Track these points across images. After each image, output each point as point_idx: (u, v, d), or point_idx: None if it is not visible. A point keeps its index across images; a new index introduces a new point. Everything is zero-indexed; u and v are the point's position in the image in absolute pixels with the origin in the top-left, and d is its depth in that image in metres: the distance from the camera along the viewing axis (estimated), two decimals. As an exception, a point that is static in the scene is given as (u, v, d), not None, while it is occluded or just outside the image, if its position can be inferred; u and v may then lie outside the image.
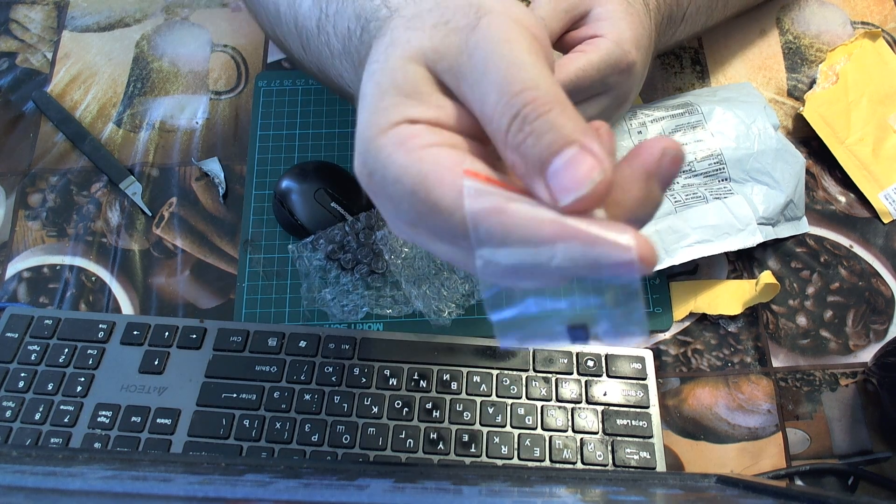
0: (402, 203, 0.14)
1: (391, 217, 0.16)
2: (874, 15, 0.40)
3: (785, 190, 0.32)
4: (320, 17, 0.22)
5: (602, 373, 0.31)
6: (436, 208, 0.13)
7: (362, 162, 0.15)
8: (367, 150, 0.15)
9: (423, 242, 0.15)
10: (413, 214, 0.14)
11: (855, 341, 0.33)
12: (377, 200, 0.15)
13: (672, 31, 0.30)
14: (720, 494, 0.23)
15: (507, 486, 0.23)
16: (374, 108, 0.15)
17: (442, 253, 0.15)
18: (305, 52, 0.25)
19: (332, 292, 0.33)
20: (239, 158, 0.38)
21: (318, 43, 0.23)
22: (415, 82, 0.15)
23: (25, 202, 0.38)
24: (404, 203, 0.14)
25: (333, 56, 0.22)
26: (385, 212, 0.16)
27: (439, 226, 0.14)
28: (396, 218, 0.15)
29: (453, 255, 0.15)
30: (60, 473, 0.21)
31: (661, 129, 0.33)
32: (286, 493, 0.20)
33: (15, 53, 0.42)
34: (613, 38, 0.23)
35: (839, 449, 0.30)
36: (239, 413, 0.30)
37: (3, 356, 0.32)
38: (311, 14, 0.23)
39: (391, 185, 0.14)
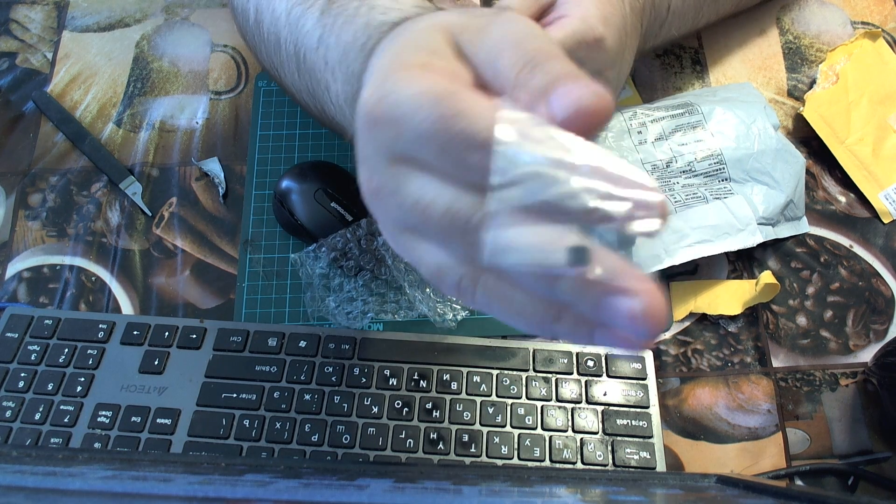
0: (413, 122, 0.13)
1: (377, 156, 0.15)
2: (874, 15, 0.40)
3: (785, 190, 0.32)
4: (323, 32, 0.22)
5: (602, 373, 0.31)
6: (458, 122, 0.13)
7: (376, 86, 0.14)
8: (386, 77, 0.14)
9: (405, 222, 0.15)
10: (422, 135, 0.13)
11: (855, 341, 0.33)
12: (371, 133, 0.15)
13: (659, 22, 0.30)
14: (720, 494, 0.23)
15: (507, 486, 0.23)
16: (396, 56, 0.15)
17: (422, 255, 0.15)
18: (299, 73, 0.25)
19: (336, 300, 0.33)
20: (239, 158, 0.38)
21: (315, 56, 0.23)
22: (438, 44, 0.15)
23: (25, 202, 0.38)
24: (418, 120, 0.13)
25: (327, 67, 0.22)
26: (372, 148, 0.15)
27: (452, 145, 0.13)
28: (386, 152, 0.14)
29: (436, 257, 0.15)
30: (60, 473, 0.21)
31: (660, 129, 0.33)
32: (286, 493, 0.20)
33: (15, 53, 0.42)
34: (578, 15, 0.24)
35: (839, 449, 0.30)
36: (239, 413, 0.30)
37: (3, 356, 0.32)
38: (313, 31, 0.23)
39: (406, 103, 0.14)
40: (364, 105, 0.15)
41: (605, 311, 0.13)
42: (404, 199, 0.14)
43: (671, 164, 0.33)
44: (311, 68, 0.24)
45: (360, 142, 0.15)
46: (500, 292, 0.14)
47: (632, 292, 0.12)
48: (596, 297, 0.13)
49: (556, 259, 0.12)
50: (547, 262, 0.12)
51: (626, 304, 0.12)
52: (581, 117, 0.13)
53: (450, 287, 0.15)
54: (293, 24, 0.24)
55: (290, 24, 0.25)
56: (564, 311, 0.14)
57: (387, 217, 0.15)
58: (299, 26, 0.24)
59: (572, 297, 0.13)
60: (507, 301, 0.14)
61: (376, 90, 0.15)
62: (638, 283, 0.12)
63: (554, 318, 0.14)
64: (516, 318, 0.14)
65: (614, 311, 0.12)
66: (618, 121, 0.34)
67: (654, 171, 0.33)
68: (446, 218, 0.14)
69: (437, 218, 0.14)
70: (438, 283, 0.15)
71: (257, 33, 0.28)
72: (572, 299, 0.13)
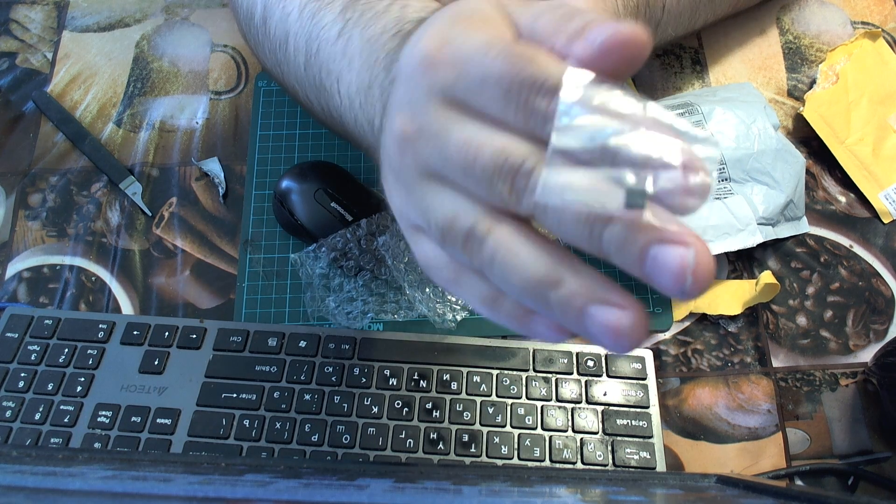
0: (482, 64, 0.14)
1: (426, 98, 0.15)
2: (874, 15, 0.40)
3: (785, 190, 0.32)
4: (345, 25, 0.23)
5: (602, 373, 0.31)
6: (529, 66, 0.13)
7: (438, 33, 0.15)
8: (451, 26, 0.15)
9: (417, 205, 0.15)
10: (489, 77, 0.14)
11: (855, 341, 0.33)
12: (425, 75, 0.15)
13: (654, 22, 0.30)
14: (720, 494, 0.23)
15: (507, 486, 0.23)
16: (455, 15, 0.15)
17: (436, 202, 0.15)
18: (306, 68, 0.25)
19: (335, 300, 0.33)
20: (239, 158, 0.38)
21: (332, 49, 0.23)
22: (491, 10, 0.16)
23: (25, 202, 0.38)
24: (488, 61, 0.14)
25: (344, 58, 0.22)
26: (423, 91, 0.15)
27: (520, 89, 0.13)
28: (439, 93, 0.15)
29: (452, 204, 0.15)
30: (60, 473, 0.21)
31: (661, 129, 0.33)
32: (286, 493, 0.20)
33: (15, 53, 0.42)
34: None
35: (839, 449, 0.30)
36: (239, 413, 0.30)
37: (3, 356, 0.32)
38: (333, 25, 0.23)
39: (476, 47, 0.14)
40: (421, 49, 0.15)
41: (651, 263, 0.13)
42: (448, 141, 0.14)
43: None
44: (324, 60, 0.23)
45: (405, 86, 0.15)
46: (508, 246, 0.14)
47: (684, 243, 0.12)
48: (646, 243, 0.13)
49: (612, 199, 0.12)
50: (602, 201, 0.13)
51: (676, 253, 0.12)
52: (618, 47, 0.13)
53: (457, 235, 0.15)
54: (307, 19, 0.24)
55: (302, 20, 0.25)
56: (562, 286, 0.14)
57: (416, 160, 0.15)
58: (315, 21, 0.24)
59: (617, 244, 0.13)
60: (511, 257, 0.14)
61: (438, 36, 0.15)
62: (690, 237, 0.13)
63: (552, 285, 0.14)
64: (511, 278, 0.14)
65: (662, 261, 0.12)
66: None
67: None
68: (499, 159, 0.14)
69: (486, 159, 0.14)
70: (445, 232, 0.15)
71: (262, 31, 0.28)
72: (616, 248, 0.13)
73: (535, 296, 0.14)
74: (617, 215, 0.13)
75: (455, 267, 0.16)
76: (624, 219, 0.13)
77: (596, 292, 0.14)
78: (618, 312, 0.13)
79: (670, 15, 0.31)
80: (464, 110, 0.15)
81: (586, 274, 0.14)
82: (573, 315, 0.14)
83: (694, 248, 0.12)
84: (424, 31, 0.15)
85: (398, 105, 0.16)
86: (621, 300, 0.14)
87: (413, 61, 0.15)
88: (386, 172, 0.17)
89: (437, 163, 0.15)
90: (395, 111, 0.16)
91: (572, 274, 0.14)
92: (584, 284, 0.14)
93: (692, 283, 0.12)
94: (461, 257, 0.15)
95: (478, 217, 0.15)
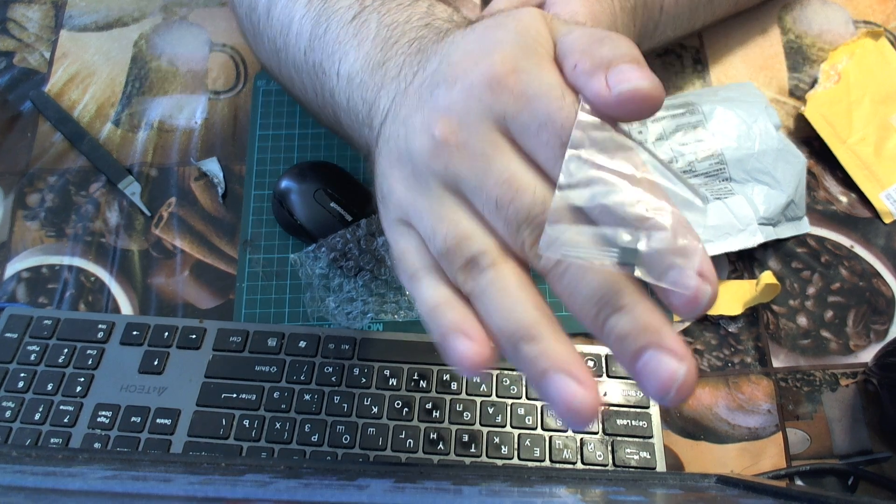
0: (541, 103, 0.14)
1: (480, 116, 0.15)
2: (876, 14, 0.40)
3: (786, 190, 0.32)
4: (363, 9, 0.23)
5: (602, 373, 0.31)
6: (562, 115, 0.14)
7: (512, 57, 0.15)
8: (527, 55, 0.15)
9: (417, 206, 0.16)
10: (542, 119, 0.14)
11: (855, 341, 0.33)
12: (488, 92, 0.15)
13: (652, 23, 0.30)
14: (720, 494, 0.23)
15: (507, 486, 0.23)
16: (522, 38, 0.16)
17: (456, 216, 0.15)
18: (306, 52, 0.25)
19: (335, 300, 0.33)
20: (238, 158, 0.38)
21: (344, 30, 0.23)
22: (544, 33, 0.16)
23: (24, 202, 0.38)
24: (545, 102, 0.14)
25: (355, 38, 0.22)
26: (480, 108, 0.15)
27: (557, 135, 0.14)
28: (493, 117, 0.15)
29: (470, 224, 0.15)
30: (60, 473, 0.21)
31: (661, 128, 0.33)
32: (286, 493, 0.20)
33: (12, 53, 0.42)
34: (566, 14, 0.24)
35: (839, 449, 0.30)
36: (239, 413, 0.30)
37: (3, 356, 0.32)
38: (348, 9, 0.23)
39: (544, 87, 0.14)
40: (492, 66, 0.15)
41: (643, 365, 0.14)
42: (490, 169, 0.15)
43: (672, 164, 0.33)
44: (330, 41, 0.23)
45: (463, 93, 0.15)
46: (504, 284, 0.15)
47: (679, 357, 0.13)
48: (644, 344, 0.13)
49: (606, 256, 0.13)
50: (596, 258, 0.13)
51: (669, 365, 0.13)
52: (635, 100, 0.14)
53: (461, 254, 0.15)
54: (321, 3, 0.24)
55: (312, 4, 0.25)
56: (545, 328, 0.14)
57: (447, 168, 0.15)
58: (329, 4, 0.24)
59: (619, 334, 0.14)
60: (503, 296, 0.15)
61: (511, 59, 0.15)
62: (685, 352, 0.14)
63: (528, 338, 0.14)
64: (494, 315, 0.15)
65: (653, 367, 0.13)
66: (618, 120, 0.34)
67: (655, 170, 0.33)
68: (535, 209, 0.14)
69: (522, 204, 0.14)
70: (450, 247, 0.15)
71: (265, 19, 0.28)
72: (616, 337, 0.14)
73: (509, 340, 0.14)
74: (622, 304, 0.13)
75: (425, 268, 0.16)
76: (634, 312, 0.13)
77: (564, 361, 0.14)
78: (576, 388, 0.14)
79: (668, 16, 0.31)
80: (513, 144, 0.15)
81: (562, 341, 0.14)
82: (535, 373, 0.14)
83: (686, 365, 0.13)
84: (493, 43, 0.15)
85: (446, 107, 0.15)
86: (584, 377, 0.14)
87: (479, 75, 0.15)
88: (395, 161, 0.17)
89: (471, 183, 0.15)
90: (442, 113, 0.15)
91: (550, 335, 0.14)
92: (556, 349, 0.14)
93: (674, 396, 0.13)
94: (452, 272, 0.15)
95: (488, 247, 0.15)
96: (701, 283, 0.13)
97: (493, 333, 0.15)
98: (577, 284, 0.14)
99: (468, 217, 0.15)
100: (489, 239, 0.15)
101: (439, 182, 0.15)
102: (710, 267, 0.13)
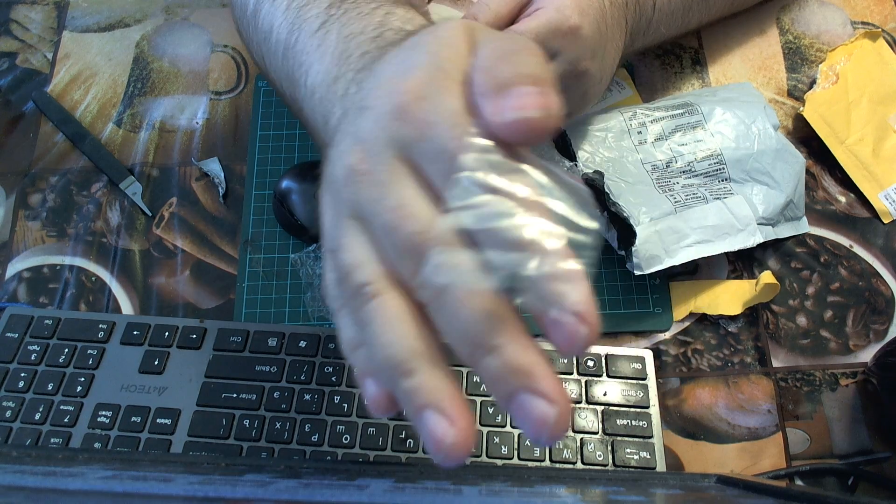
0: (440, 131, 0.14)
1: (384, 144, 0.15)
2: (874, 15, 0.40)
3: (785, 190, 0.32)
4: (327, 19, 0.23)
5: (602, 373, 0.31)
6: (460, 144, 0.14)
7: (419, 83, 0.15)
8: (432, 82, 0.15)
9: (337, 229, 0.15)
10: (441, 147, 0.14)
11: (855, 341, 0.33)
12: (394, 120, 0.15)
13: (645, 20, 0.30)
14: (720, 494, 0.23)
15: (507, 486, 0.23)
16: (436, 58, 0.15)
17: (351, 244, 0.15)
18: (283, 58, 0.26)
19: (334, 298, 0.33)
20: (239, 158, 0.38)
21: (310, 40, 0.23)
22: (462, 47, 0.16)
23: (25, 202, 0.38)
24: (444, 130, 0.14)
25: (318, 49, 0.22)
26: (385, 135, 0.15)
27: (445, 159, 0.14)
28: (396, 146, 0.15)
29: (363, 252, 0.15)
30: (60, 473, 0.21)
31: (660, 129, 0.33)
32: (286, 493, 0.20)
33: (15, 53, 0.42)
34: (553, 6, 0.25)
35: (839, 449, 0.30)
36: (239, 413, 0.30)
37: (3, 356, 0.32)
38: (317, 17, 0.24)
39: (443, 116, 0.14)
40: (399, 94, 0.15)
41: (517, 406, 0.13)
42: (387, 197, 0.14)
43: (671, 164, 0.33)
44: (299, 51, 0.24)
45: (373, 122, 0.15)
46: (385, 317, 0.14)
47: (551, 400, 0.13)
48: (517, 387, 0.13)
49: (487, 282, 0.13)
50: (477, 284, 0.13)
51: (540, 408, 0.13)
52: (522, 129, 0.13)
53: (351, 284, 0.15)
54: (294, 11, 0.25)
55: (289, 11, 0.25)
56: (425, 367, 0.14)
57: (355, 197, 0.15)
58: (300, 13, 0.24)
59: (492, 375, 0.13)
60: (383, 329, 0.14)
61: (417, 86, 0.15)
62: (558, 394, 0.13)
63: (405, 373, 0.14)
64: (374, 349, 0.14)
65: (527, 409, 0.13)
66: (618, 121, 0.34)
67: (654, 171, 0.33)
68: (416, 237, 0.14)
69: (406, 231, 0.14)
70: (342, 276, 0.15)
71: (253, 23, 0.28)
72: (490, 377, 0.13)
73: (387, 374, 0.14)
74: (494, 343, 0.13)
75: (342, 302, 0.16)
76: (505, 354, 0.13)
77: (438, 398, 0.14)
78: (445, 426, 0.13)
79: (662, 13, 0.31)
80: (413, 172, 0.15)
81: (440, 377, 0.14)
82: (412, 409, 0.14)
83: (557, 408, 0.13)
84: (406, 69, 0.15)
85: (360, 137, 0.15)
86: (457, 414, 0.14)
87: (387, 104, 0.15)
88: (326, 187, 0.17)
89: (369, 210, 0.15)
90: (355, 142, 0.15)
91: (428, 370, 0.14)
92: (432, 386, 0.14)
93: (546, 438, 0.13)
94: (343, 302, 0.15)
95: (374, 277, 0.15)
96: (578, 320, 0.13)
97: (377, 368, 0.15)
98: (451, 321, 0.13)
99: (365, 246, 0.15)
100: (379, 268, 0.15)
101: (349, 210, 0.15)
102: (588, 302, 0.13)
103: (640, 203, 0.31)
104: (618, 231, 0.32)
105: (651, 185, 0.32)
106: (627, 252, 0.31)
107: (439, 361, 0.14)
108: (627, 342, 0.33)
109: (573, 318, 0.13)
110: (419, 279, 0.14)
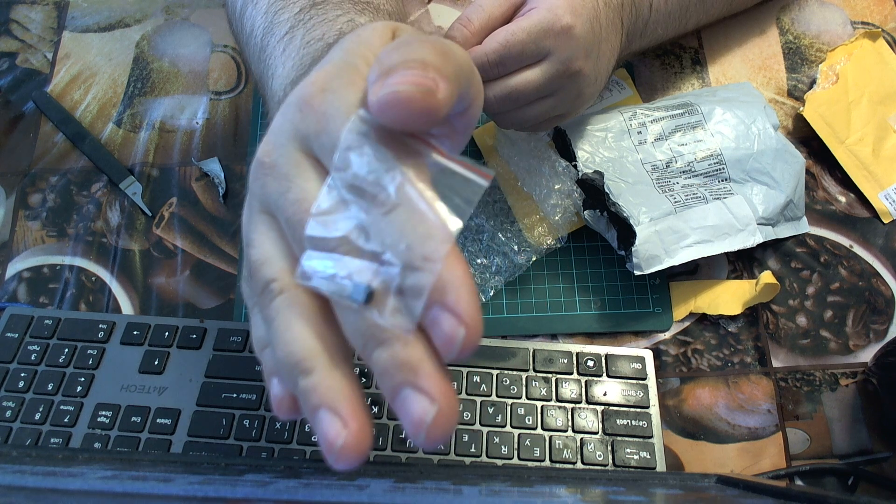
0: (336, 125, 0.14)
1: (289, 137, 0.15)
2: (874, 15, 0.40)
3: (785, 190, 0.32)
4: (295, 24, 0.23)
5: (602, 373, 0.31)
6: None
7: (325, 77, 0.15)
8: (339, 75, 0.15)
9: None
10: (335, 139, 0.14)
11: (855, 341, 0.33)
12: (298, 113, 0.14)
13: (642, 21, 0.30)
14: (720, 494, 0.23)
15: (507, 486, 0.23)
16: (350, 52, 0.15)
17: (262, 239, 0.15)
18: (258, 60, 0.26)
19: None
20: (239, 158, 0.38)
21: (278, 44, 0.23)
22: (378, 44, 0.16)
23: (25, 202, 0.38)
24: (340, 125, 0.14)
25: (284, 54, 0.23)
26: (290, 128, 0.15)
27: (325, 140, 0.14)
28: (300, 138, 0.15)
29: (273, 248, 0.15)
30: (60, 473, 0.21)
31: (660, 129, 0.33)
32: (286, 493, 0.20)
33: (15, 54, 0.42)
34: (545, 6, 0.25)
35: (839, 449, 0.30)
36: (239, 413, 0.30)
37: (3, 356, 0.32)
38: (286, 22, 0.24)
39: (341, 109, 0.14)
40: (305, 87, 0.15)
41: (400, 402, 0.13)
42: (290, 190, 0.14)
43: (671, 164, 0.33)
44: (269, 55, 0.24)
45: (281, 115, 0.15)
46: (287, 315, 0.14)
47: (432, 398, 0.13)
48: (401, 382, 0.13)
49: (346, 290, 0.13)
50: (339, 292, 0.13)
51: (420, 406, 0.13)
52: (393, 105, 0.13)
53: (258, 281, 0.15)
54: (270, 16, 0.25)
55: (267, 16, 0.25)
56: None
57: (263, 191, 0.15)
58: (274, 18, 0.25)
59: (381, 368, 0.13)
60: (284, 327, 0.14)
61: (323, 79, 0.15)
62: (442, 395, 0.13)
63: (302, 371, 0.14)
64: (276, 346, 0.14)
65: (408, 406, 0.13)
66: (617, 121, 0.34)
67: (654, 171, 0.33)
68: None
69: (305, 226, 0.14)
70: (252, 271, 0.15)
71: (239, 24, 0.29)
72: (379, 370, 0.13)
73: (287, 372, 0.14)
74: (385, 337, 0.13)
75: (254, 300, 0.16)
76: (394, 348, 0.13)
77: (332, 399, 0.13)
78: (338, 427, 0.13)
79: (658, 14, 0.31)
80: (315, 164, 0.14)
81: (338, 377, 0.14)
82: (307, 409, 0.14)
83: (437, 407, 0.13)
84: (322, 64, 0.15)
85: (271, 130, 0.15)
86: (352, 416, 0.13)
87: (294, 97, 0.15)
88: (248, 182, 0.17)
89: (275, 205, 0.15)
90: (267, 136, 0.15)
91: (325, 370, 0.14)
92: (327, 386, 0.14)
93: (423, 438, 0.13)
94: (256, 300, 0.15)
95: (280, 273, 0.14)
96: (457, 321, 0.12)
97: (279, 366, 0.15)
98: (345, 313, 0.13)
99: (274, 242, 0.15)
100: (283, 265, 0.14)
101: (259, 205, 0.15)
102: (469, 304, 0.12)
103: (640, 203, 0.31)
104: (618, 231, 0.32)
105: (651, 185, 0.32)
106: (627, 252, 0.31)
107: (340, 362, 0.14)
108: (627, 342, 0.33)
109: (452, 320, 0.12)
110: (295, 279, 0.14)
